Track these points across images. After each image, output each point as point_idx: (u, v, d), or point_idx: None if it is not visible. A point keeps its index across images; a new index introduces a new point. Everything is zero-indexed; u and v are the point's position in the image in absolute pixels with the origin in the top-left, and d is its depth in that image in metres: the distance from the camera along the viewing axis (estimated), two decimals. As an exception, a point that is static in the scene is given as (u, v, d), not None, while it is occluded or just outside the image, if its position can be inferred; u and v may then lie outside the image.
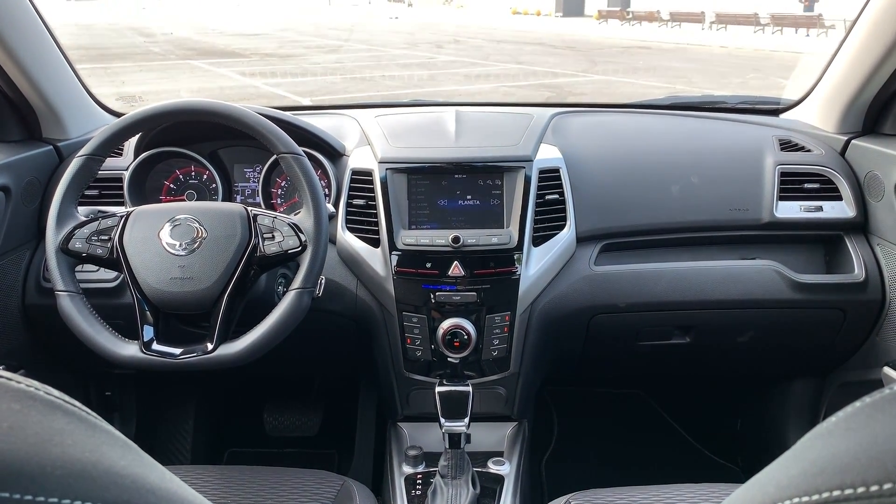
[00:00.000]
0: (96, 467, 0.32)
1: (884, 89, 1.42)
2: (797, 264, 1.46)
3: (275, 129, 1.16)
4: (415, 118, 1.58)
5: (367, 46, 15.84)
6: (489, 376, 1.40)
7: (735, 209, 1.45)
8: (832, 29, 14.71)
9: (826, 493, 0.28)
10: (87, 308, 1.13)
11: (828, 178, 1.47)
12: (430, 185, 1.37)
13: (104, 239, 1.14)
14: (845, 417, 0.33)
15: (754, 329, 1.49)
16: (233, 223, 1.14)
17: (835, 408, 1.44)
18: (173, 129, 1.39)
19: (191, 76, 10.72)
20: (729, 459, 1.95)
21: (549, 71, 11.80)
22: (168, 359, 1.10)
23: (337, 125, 1.55)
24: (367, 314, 1.39)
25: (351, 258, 1.37)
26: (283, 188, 1.50)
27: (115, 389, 1.79)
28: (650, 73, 11.64)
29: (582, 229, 1.41)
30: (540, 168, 1.37)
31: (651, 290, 1.41)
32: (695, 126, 1.65)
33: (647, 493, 1.12)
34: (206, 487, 1.14)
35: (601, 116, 1.68)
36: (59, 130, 1.52)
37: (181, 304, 1.12)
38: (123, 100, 7.77)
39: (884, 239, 1.41)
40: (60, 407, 0.35)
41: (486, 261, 1.32)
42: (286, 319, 1.12)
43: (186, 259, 1.11)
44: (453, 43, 17.11)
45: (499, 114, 1.62)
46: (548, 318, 1.38)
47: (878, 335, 1.44)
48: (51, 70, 1.47)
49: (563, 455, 1.99)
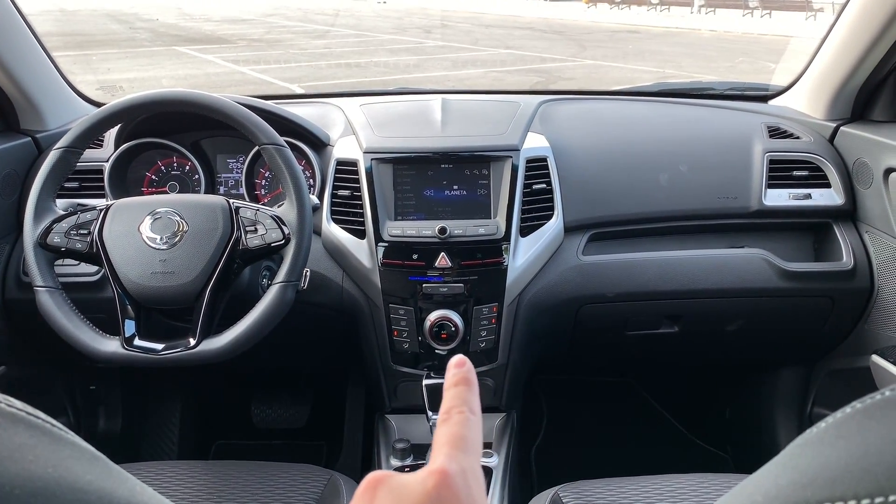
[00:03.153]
0: (59, 484, 0.30)
1: (872, 75, 1.41)
2: (786, 252, 1.46)
3: (256, 119, 1.14)
4: (400, 107, 1.56)
5: (356, 32, 15.71)
6: (477, 368, 1.39)
7: (723, 197, 1.44)
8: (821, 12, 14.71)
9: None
10: (66, 303, 1.11)
11: (816, 165, 1.46)
12: (415, 175, 1.35)
13: (83, 233, 1.12)
14: (836, 423, 0.32)
15: (743, 317, 1.48)
16: (214, 216, 1.12)
17: (823, 396, 1.45)
18: (154, 120, 1.36)
19: (177, 63, 10.61)
20: (718, 447, 1.96)
21: (539, 56, 11.75)
22: (150, 354, 1.09)
23: (321, 114, 1.53)
24: (354, 306, 1.37)
25: (336, 250, 1.36)
26: (267, 179, 1.48)
27: (100, 383, 1.77)
28: (639, 57, 11.61)
29: (570, 219, 1.40)
30: (527, 157, 1.36)
31: (639, 280, 1.41)
32: (683, 113, 1.64)
33: (636, 484, 1.12)
34: (191, 483, 1.13)
35: (589, 104, 1.67)
36: (37, 121, 1.49)
37: (163, 299, 1.10)
38: (104, 89, 7.68)
39: (872, 226, 1.41)
40: (23, 420, 0.33)
41: (474, 252, 1.30)
42: (270, 313, 1.10)
43: (168, 253, 1.09)
44: (442, 28, 17.01)
45: (485, 102, 1.60)
46: (536, 308, 1.37)
47: (866, 323, 1.44)
48: (27, 59, 1.44)
49: (553, 445, 2.00)
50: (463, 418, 0.38)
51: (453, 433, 0.37)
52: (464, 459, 0.35)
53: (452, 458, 0.35)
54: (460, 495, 0.33)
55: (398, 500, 0.32)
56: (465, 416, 0.39)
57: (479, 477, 0.36)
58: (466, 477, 0.34)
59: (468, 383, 0.41)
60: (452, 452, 0.35)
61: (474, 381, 0.41)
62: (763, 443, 1.77)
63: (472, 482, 0.34)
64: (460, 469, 0.34)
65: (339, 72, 9.95)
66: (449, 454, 0.35)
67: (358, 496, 0.34)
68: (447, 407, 0.39)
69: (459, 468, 0.34)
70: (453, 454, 0.35)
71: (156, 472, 1.15)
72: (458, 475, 0.34)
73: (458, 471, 0.34)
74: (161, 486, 1.11)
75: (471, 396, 0.40)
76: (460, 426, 0.38)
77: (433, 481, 0.33)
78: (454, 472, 0.34)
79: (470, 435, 0.37)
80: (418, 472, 0.35)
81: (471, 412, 0.39)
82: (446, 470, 0.34)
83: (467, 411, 0.39)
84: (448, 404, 0.40)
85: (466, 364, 0.42)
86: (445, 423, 0.38)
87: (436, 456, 0.36)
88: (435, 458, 0.36)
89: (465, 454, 0.36)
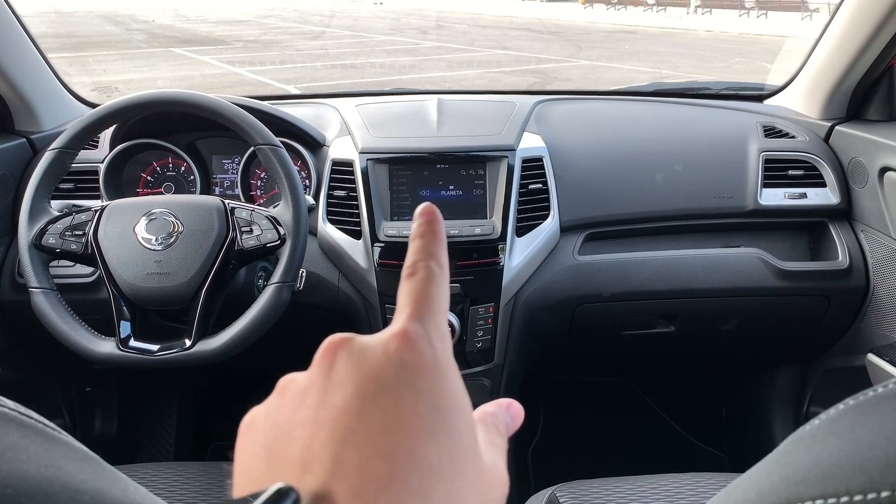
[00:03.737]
0: (52, 484, 0.30)
1: (867, 75, 1.42)
2: (781, 251, 1.46)
3: (251, 119, 1.14)
4: (396, 107, 1.56)
5: (352, 33, 15.70)
6: (473, 368, 1.39)
7: (719, 197, 1.44)
8: (816, 13, 14.74)
9: (809, 502, 0.27)
10: (61, 305, 1.11)
11: (812, 164, 1.46)
12: (411, 175, 1.35)
13: (78, 234, 1.12)
14: (829, 420, 0.32)
15: (739, 317, 1.48)
16: (209, 217, 1.12)
17: (819, 394, 1.45)
18: (150, 121, 1.36)
19: (173, 64, 10.59)
20: (715, 447, 1.96)
21: (535, 56, 11.75)
22: (146, 356, 1.09)
23: (317, 115, 1.53)
24: (350, 307, 1.37)
25: (332, 250, 1.36)
26: (263, 180, 1.47)
27: (96, 385, 1.76)
28: (635, 57, 11.62)
29: (565, 219, 1.40)
30: (523, 157, 1.36)
31: (635, 280, 1.41)
32: (679, 113, 1.64)
33: (633, 484, 1.12)
34: (188, 484, 1.13)
35: (585, 104, 1.67)
36: (32, 122, 1.49)
37: (158, 300, 1.10)
38: (99, 90, 7.66)
39: (867, 225, 1.41)
40: (15, 420, 0.33)
41: (470, 252, 1.30)
42: (266, 314, 1.10)
43: (163, 254, 1.09)
44: (438, 28, 17.00)
45: (481, 102, 1.60)
46: (532, 308, 1.37)
47: (861, 322, 1.45)
48: (22, 61, 1.44)
49: (549, 445, 1.99)
50: (428, 273, 0.36)
51: (418, 290, 0.35)
52: (428, 320, 0.33)
53: (416, 318, 0.33)
54: (424, 358, 0.31)
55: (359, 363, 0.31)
56: (430, 269, 0.36)
57: (444, 337, 0.34)
58: (431, 338, 0.32)
59: (434, 235, 0.38)
60: (416, 312, 0.34)
61: (442, 231, 0.38)
62: (759, 442, 1.77)
63: (436, 343, 0.33)
64: (424, 330, 0.33)
65: (336, 73, 9.94)
66: (412, 314, 0.33)
67: (318, 360, 0.32)
68: (412, 260, 0.37)
69: (423, 329, 0.33)
70: (417, 314, 0.33)
71: (152, 474, 1.15)
72: (421, 337, 0.32)
73: (421, 332, 0.32)
74: (157, 487, 1.11)
75: (437, 248, 0.37)
76: (425, 283, 0.35)
77: (395, 344, 0.31)
78: (418, 333, 0.32)
79: (435, 291, 0.35)
80: (381, 333, 0.33)
81: (437, 265, 0.36)
82: (409, 331, 0.32)
83: (433, 264, 0.36)
84: (413, 257, 0.37)
85: (434, 213, 0.39)
86: (409, 277, 0.36)
87: (398, 316, 0.34)
88: (397, 318, 0.34)
89: (431, 313, 0.34)
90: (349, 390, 0.30)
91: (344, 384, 0.31)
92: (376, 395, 0.30)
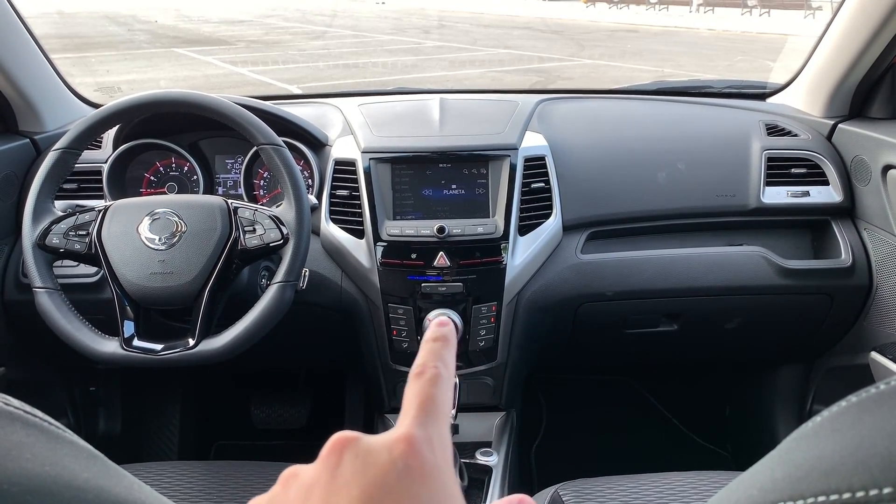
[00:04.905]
0: (56, 482, 0.31)
1: (870, 72, 1.41)
2: (784, 250, 1.46)
3: (254, 119, 1.14)
4: (398, 106, 1.56)
5: (354, 32, 15.70)
6: (476, 367, 1.40)
7: (722, 195, 1.44)
8: (819, 10, 14.71)
9: (811, 499, 0.27)
10: (65, 304, 1.11)
11: (815, 162, 1.46)
12: (414, 174, 1.35)
13: (82, 234, 1.12)
14: (831, 417, 0.32)
15: (742, 315, 1.48)
16: (212, 216, 1.12)
17: (822, 393, 1.45)
18: (153, 121, 1.36)
19: (176, 64, 10.61)
20: (718, 445, 1.96)
21: (537, 55, 11.74)
22: (149, 355, 1.09)
23: (320, 114, 1.53)
24: (353, 306, 1.38)
25: (335, 250, 1.36)
26: (266, 179, 1.48)
27: (100, 384, 1.77)
28: (638, 56, 11.60)
29: (568, 217, 1.40)
30: (525, 156, 1.36)
31: (638, 278, 1.41)
32: (681, 111, 1.64)
33: (636, 482, 1.12)
34: (191, 483, 1.13)
35: (587, 102, 1.67)
36: (35, 123, 1.49)
37: (162, 300, 1.10)
38: (103, 90, 7.67)
39: (870, 223, 1.41)
40: (20, 418, 0.33)
41: (472, 251, 1.30)
42: (269, 314, 1.10)
43: (166, 253, 1.09)
44: (440, 28, 17.00)
45: (484, 101, 1.60)
46: (535, 307, 1.37)
47: (865, 320, 1.44)
48: (25, 61, 1.44)
49: (552, 444, 2.00)
50: (435, 375, 0.38)
51: (424, 392, 0.36)
52: (432, 425, 0.35)
53: (420, 422, 0.34)
54: (426, 464, 0.33)
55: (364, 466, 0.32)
56: (437, 373, 0.38)
57: (446, 444, 0.35)
58: (433, 444, 0.34)
59: (446, 341, 0.40)
60: (421, 416, 0.35)
61: (454, 339, 0.41)
62: (763, 440, 1.77)
63: (437, 450, 0.34)
64: (427, 436, 0.34)
65: (338, 72, 9.95)
66: (417, 418, 0.35)
67: (324, 457, 0.33)
68: (421, 361, 0.39)
69: (426, 435, 0.34)
70: (421, 418, 0.35)
71: (156, 473, 1.15)
72: (424, 442, 0.33)
73: (424, 438, 0.34)
74: (161, 486, 1.11)
75: (447, 353, 0.40)
76: (431, 385, 0.37)
77: (400, 449, 0.33)
78: (421, 439, 0.33)
79: (440, 396, 0.37)
80: (386, 435, 0.34)
81: (445, 368, 0.38)
82: (413, 437, 0.33)
83: (441, 367, 0.38)
84: (422, 359, 0.39)
85: (448, 325, 0.41)
86: (418, 377, 0.38)
87: (403, 418, 0.35)
88: (402, 420, 0.35)
89: (434, 419, 0.35)
90: (354, 493, 0.31)
91: (350, 485, 0.31)
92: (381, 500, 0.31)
